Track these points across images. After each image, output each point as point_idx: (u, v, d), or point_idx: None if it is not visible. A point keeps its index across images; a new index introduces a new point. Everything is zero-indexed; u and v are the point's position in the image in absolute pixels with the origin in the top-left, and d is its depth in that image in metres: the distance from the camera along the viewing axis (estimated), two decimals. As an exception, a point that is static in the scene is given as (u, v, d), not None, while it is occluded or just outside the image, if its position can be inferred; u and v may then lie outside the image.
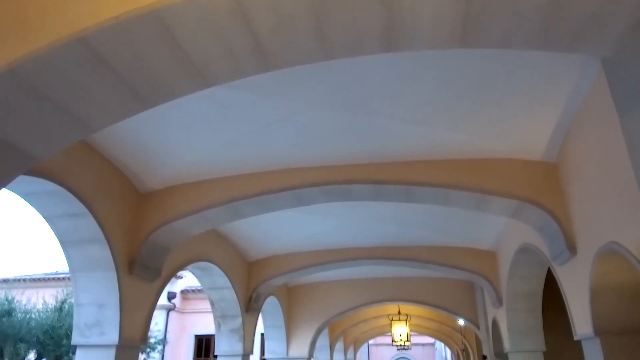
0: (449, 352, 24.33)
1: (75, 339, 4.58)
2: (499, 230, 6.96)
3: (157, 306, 18.24)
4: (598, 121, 3.35)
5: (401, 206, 6.39)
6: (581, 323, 4.19)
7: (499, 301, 7.46)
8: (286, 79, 3.43)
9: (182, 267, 6.00)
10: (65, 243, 4.47)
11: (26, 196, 4.11)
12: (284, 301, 10.79)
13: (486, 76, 3.42)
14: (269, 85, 3.51)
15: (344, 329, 14.24)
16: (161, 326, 18.98)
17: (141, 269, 4.85)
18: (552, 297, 7.14)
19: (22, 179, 3.71)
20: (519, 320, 7.13)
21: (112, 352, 4.47)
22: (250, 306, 8.17)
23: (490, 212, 4.84)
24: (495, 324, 8.32)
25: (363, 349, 32.87)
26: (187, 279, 20.30)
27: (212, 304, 7.95)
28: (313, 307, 11.04)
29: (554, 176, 4.37)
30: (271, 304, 10.26)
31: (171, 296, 20.60)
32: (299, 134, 4.21)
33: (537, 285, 6.85)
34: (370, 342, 34.89)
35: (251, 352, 8.29)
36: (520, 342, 7.09)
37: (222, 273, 7.23)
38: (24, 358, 11.67)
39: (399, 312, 12.74)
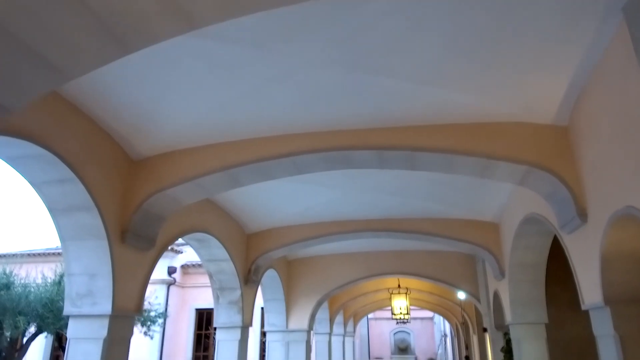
0: (447, 325, 24.57)
1: (67, 309, 4.46)
2: (503, 201, 6.80)
3: (157, 280, 18.47)
4: (617, 78, 3.12)
5: (403, 177, 6.21)
6: (589, 293, 4.05)
7: (501, 273, 7.35)
8: (281, 33, 3.19)
9: (177, 238, 5.85)
10: (54, 211, 4.30)
11: (11, 160, 3.91)
12: (284, 274, 10.72)
13: (496, 29, 3.17)
14: (263, 39, 3.26)
15: (343, 303, 14.26)
16: (161, 300, 19.07)
17: (134, 238, 4.70)
18: (554, 269, 7.04)
19: (6, 141, 3.52)
20: (522, 291, 7.03)
21: (105, 322, 4.35)
22: (249, 278, 8.07)
23: (496, 179, 4.65)
24: (496, 296, 8.24)
25: (362, 322, 33.26)
26: (187, 254, 20.33)
27: (210, 276, 7.85)
28: (313, 280, 10.98)
29: (565, 140, 4.16)
30: (271, 277, 10.19)
31: (171, 271, 20.66)
32: (296, 95, 3.98)
33: (541, 256, 6.71)
34: (370, 316, 35.30)
35: (250, 324, 8.23)
36: (522, 314, 7.01)
37: (220, 245, 7.10)
38: (24, 331, 11.69)
39: (399, 285, 12.71)
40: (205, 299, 19.33)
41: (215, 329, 7.96)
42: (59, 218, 4.35)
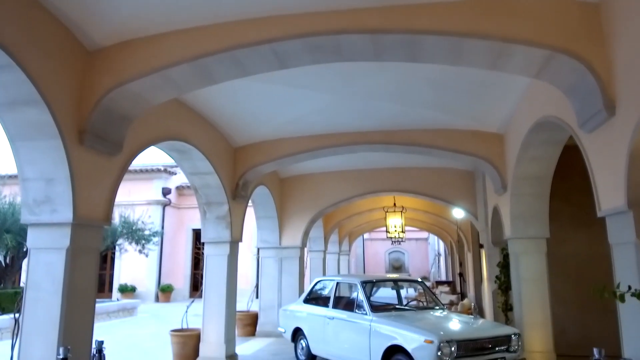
0: (442, 245, 24.98)
1: (25, 217, 4.02)
2: (510, 108, 6.19)
3: (152, 201, 18.40)
4: None
5: (402, 80, 5.55)
6: (608, 197, 3.59)
7: (503, 187, 6.93)
8: None
9: (151, 144, 5.30)
10: (-4, 106, 3.70)
11: None
12: (276, 192, 10.36)
13: None
14: None
15: (338, 221, 14.13)
16: (155, 219, 19.03)
17: (95, 140, 4.15)
18: (556, 184, 6.61)
19: None
20: (524, 205, 6.64)
21: (66, 231, 3.93)
22: (238, 193, 7.66)
23: (509, 71, 4.02)
24: (496, 212, 7.91)
25: (358, 243, 33.96)
26: (182, 175, 19.97)
27: (195, 190, 7.43)
28: (306, 198, 10.65)
29: (595, 19, 3.49)
30: (262, 194, 9.84)
31: (166, 192, 20.47)
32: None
33: (548, 167, 6.24)
34: (366, 236, 36.00)
35: (240, 240, 7.96)
36: (523, 229, 6.68)
37: (203, 157, 6.59)
38: (17, 249, 11.58)
39: (395, 204, 12.45)
40: (200, 220, 19.36)
41: (203, 244, 7.70)
42: (3, 114, 3.77)
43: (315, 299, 7.63)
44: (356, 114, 6.74)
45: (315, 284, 7.68)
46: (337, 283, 7.11)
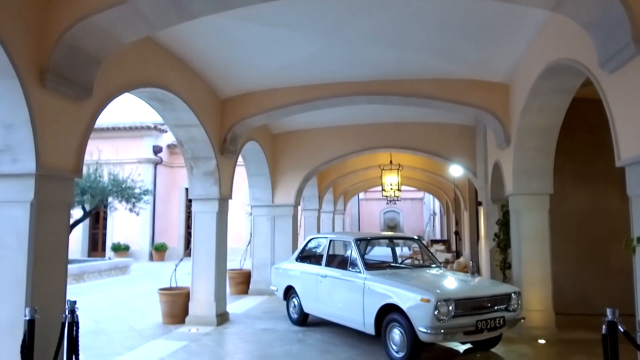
0: (437, 204, 24.88)
1: (-17, 168, 3.63)
2: (518, 54, 5.74)
3: (143, 160, 17.99)
4: None
5: (401, 19, 5.05)
6: (630, 144, 3.24)
7: (506, 141, 6.56)
8: None
9: (126, 90, 4.85)
10: (-62, 38, 3.23)
11: None
12: (268, 148, 9.96)
13: None
14: None
15: (333, 180, 13.82)
16: (147, 178, 18.65)
17: (60, 82, 3.70)
18: (561, 138, 6.25)
19: None
20: (528, 160, 6.31)
21: (30, 183, 3.55)
22: (226, 148, 7.26)
23: (526, 2, 3.56)
24: (496, 168, 7.57)
25: (354, 202, 33.90)
26: (172, 133, 19.41)
27: (180, 144, 7.02)
28: (299, 155, 10.27)
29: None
30: (253, 150, 9.44)
31: (157, 150, 19.99)
32: None
33: (556, 119, 5.87)
34: (361, 196, 35.94)
35: (229, 197, 7.63)
36: (526, 184, 6.37)
37: (187, 107, 6.14)
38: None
39: (391, 161, 12.09)
40: (193, 178, 18.96)
41: (190, 200, 7.37)
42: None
43: (307, 257, 7.39)
44: (352, 61, 6.27)
45: (308, 242, 7.42)
46: (331, 241, 6.85)
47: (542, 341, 5.94)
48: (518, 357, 5.36)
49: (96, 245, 20.63)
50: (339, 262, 6.54)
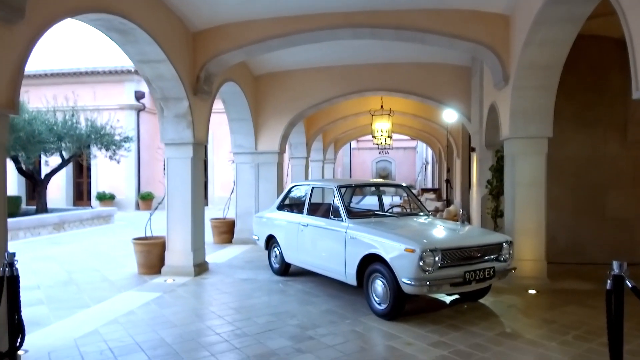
0: (430, 153, 24.47)
1: None
2: (523, -21, 5.08)
3: (125, 106, 17.30)
4: None
5: None
6: (654, 70, 2.72)
7: (504, 79, 6.01)
8: None
9: (69, 15, 4.18)
10: None
11: None
12: (250, 91, 9.32)
13: None
14: None
15: (321, 127, 13.24)
16: (130, 125, 17.92)
17: (-24, -3, 3.07)
18: (561, 78, 5.70)
19: None
20: (527, 100, 5.80)
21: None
22: (199, 88, 6.65)
23: None
24: (492, 110, 7.06)
25: (345, 151, 33.48)
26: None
27: (148, 83, 6.40)
28: (284, 98, 9.65)
29: None
30: (233, 92, 8.81)
31: (139, 95, 19.12)
32: None
33: (560, 54, 5.31)
34: (353, 145, 35.48)
35: (205, 142, 7.11)
36: (524, 127, 5.89)
37: (151, 39, 5.48)
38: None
39: (382, 106, 11.50)
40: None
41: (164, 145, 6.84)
42: None
43: (289, 205, 6.99)
44: (336, -12, 5.57)
45: (290, 190, 6.99)
46: (313, 188, 6.42)
47: (532, 291, 5.68)
48: (507, 308, 5.10)
49: (82, 194, 20.21)
50: (322, 210, 6.14)
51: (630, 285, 2.53)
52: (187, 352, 3.87)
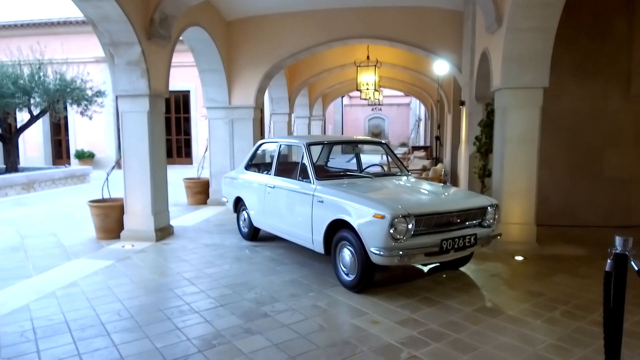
0: (423, 110, 23.67)
1: None
2: None
3: (99, 58, 16.19)
4: None
5: None
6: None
7: (497, 20, 5.27)
8: None
9: None
10: None
11: None
12: (220, 38, 8.49)
13: None
14: None
15: (305, 80, 12.42)
16: (101, 78, 16.93)
17: None
18: (562, 22, 5.00)
19: None
20: (522, 44, 5.10)
21: None
22: (154, 32, 5.88)
23: None
24: (484, 58, 6.35)
25: (337, 108, 32.56)
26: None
27: (93, 25, 5.63)
28: (259, 47, 8.83)
29: None
30: (202, 40, 8.00)
31: (115, 48, 17.98)
32: None
33: (562, -12, 4.57)
34: (345, 102, 34.53)
35: (164, 93, 6.40)
36: (517, 75, 5.22)
37: (86, -29, 4.68)
38: None
39: (368, 57, 10.68)
40: (182, 81, 17.09)
41: (116, 97, 6.13)
42: None
43: (257, 165, 6.39)
44: None
45: (258, 148, 6.35)
46: (281, 145, 5.79)
47: (519, 258, 5.20)
48: (490, 278, 4.62)
49: (61, 153, 19.46)
50: (290, 170, 5.55)
51: (636, 268, 1.98)
52: (120, 332, 3.37)
